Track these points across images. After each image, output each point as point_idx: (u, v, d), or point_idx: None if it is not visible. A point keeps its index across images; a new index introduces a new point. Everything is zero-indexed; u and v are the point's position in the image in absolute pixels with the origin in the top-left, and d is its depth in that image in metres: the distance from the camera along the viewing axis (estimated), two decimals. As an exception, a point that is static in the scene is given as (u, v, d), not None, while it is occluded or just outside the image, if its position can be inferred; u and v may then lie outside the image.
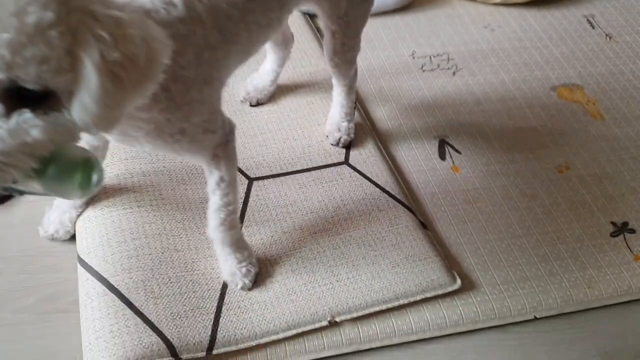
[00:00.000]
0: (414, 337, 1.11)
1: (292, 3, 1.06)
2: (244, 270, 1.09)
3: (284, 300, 1.09)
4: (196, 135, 0.91)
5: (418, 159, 1.41)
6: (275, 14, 1.01)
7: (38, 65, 0.57)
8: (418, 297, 1.13)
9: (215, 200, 1.02)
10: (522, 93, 1.63)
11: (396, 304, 1.12)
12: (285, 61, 1.43)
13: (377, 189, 1.29)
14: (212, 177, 1.00)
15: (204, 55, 0.86)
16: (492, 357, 1.13)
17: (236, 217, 1.07)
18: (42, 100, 0.61)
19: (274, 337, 1.05)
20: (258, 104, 1.45)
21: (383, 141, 1.44)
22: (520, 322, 1.17)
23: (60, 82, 0.60)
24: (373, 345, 1.09)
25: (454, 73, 1.66)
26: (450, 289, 1.15)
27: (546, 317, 1.18)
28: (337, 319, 1.08)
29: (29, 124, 0.60)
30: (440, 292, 1.14)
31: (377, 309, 1.11)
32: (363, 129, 1.43)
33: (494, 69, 1.69)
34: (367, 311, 1.10)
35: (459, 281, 1.16)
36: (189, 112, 0.87)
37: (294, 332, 1.06)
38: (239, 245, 1.09)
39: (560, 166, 1.45)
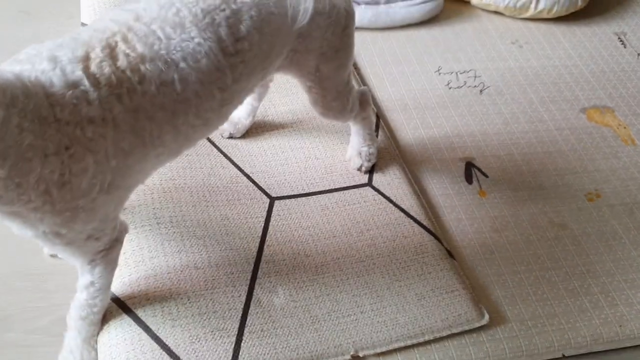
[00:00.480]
0: (439, 375, 1.08)
1: (238, 97, 0.94)
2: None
3: (307, 329, 1.05)
4: (76, 240, 0.81)
5: (444, 182, 1.37)
6: (214, 113, 0.89)
7: None
8: (444, 333, 1.09)
9: (81, 297, 0.94)
10: (550, 114, 1.58)
11: (421, 339, 1.08)
12: (264, 96, 1.34)
13: (402, 214, 1.25)
14: (83, 278, 0.91)
15: (109, 162, 0.76)
16: (518, 397, 1.09)
17: (100, 317, 0.99)
18: None
19: (295, 370, 1.02)
20: (231, 137, 1.35)
21: (407, 162, 1.39)
22: (548, 361, 1.13)
23: None
24: (395, 381, 1.06)
25: (480, 91, 1.61)
26: (477, 324, 1.11)
27: (575, 356, 1.14)
28: (361, 354, 1.05)
29: None
30: (467, 327, 1.10)
31: (402, 344, 1.07)
32: (387, 149, 1.39)
33: (521, 87, 1.64)
34: (391, 347, 1.06)
35: (487, 316, 1.12)
36: (71, 219, 0.76)
37: (315, 365, 1.03)
38: (92, 340, 1.00)
39: (590, 194, 1.40)
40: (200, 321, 1.03)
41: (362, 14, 1.70)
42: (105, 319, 1.02)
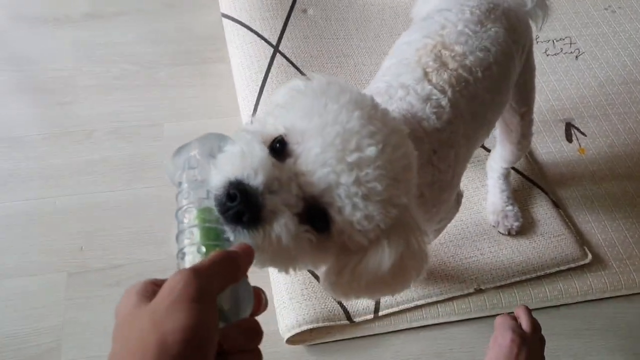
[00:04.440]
0: (549, 304, 1.29)
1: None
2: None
3: (436, 270, 1.28)
4: (429, 228, 0.94)
5: (547, 141, 1.55)
6: (508, 92, 1.00)
7: (382, 207, 0.57)
8: (553, 270, 1.30)
9: None
10: (644, 75, 1.71)
11: (534, 275, 1.29)
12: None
13: (513, 171, 1.45)
14: None
15: (461, 152, 0.87)
16: (619, 323, 1.29)
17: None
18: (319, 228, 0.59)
19: (429, 300, 1.25)
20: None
21: (512, 125, 1.58)
22: (645, 293, 1.32)
23: (364, 238, 0.60)
24: (512, 310, 1.27)
25: (576, 57, 1.76)
26: (581, 262, 1.31)
27: (668, 289, 1.32)
28: (482, 287, 1.27)
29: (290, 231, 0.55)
30: (572, 265, 1.30)
31: (517, 279, 1.28)
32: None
33: (615, 52, 1.78)
34: (508, 281, 1.28)
35: (590, 256, 1.32)
36: (436, 213, 0.89)
37: (445, 296, 1.26)
38: None
39: (682, 148, 1.55)
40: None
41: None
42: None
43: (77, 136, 1.53)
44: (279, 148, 0.59)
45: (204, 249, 0.52)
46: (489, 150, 1.40)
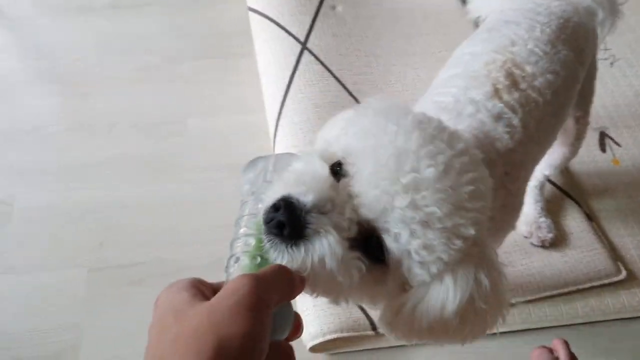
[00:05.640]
0: (579, 321, 1.24)
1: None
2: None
3: (464, 281, 1.24)
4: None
5: (580, 151, 1.48)
6: (566, 115, 0.98)
7: (444, 236, 0.53)
8: (586, 285, 1.25)
9: None
10: (681, 85, 1.66)
11: (565, 290, 1.25)
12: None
13: (546, 181, 1.40)
14: None
15: (529, 171, 0.85)
16: (651, 343, 1.24)
17: None
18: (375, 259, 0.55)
19: (456, 313, 1.21)
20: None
21: (544, 132, 1.53)
22: (679, 312, 1.27)
23: (425, 271, 0.55)
24: (542, 325, 1.23)
25: (611, 64, 1.71)
26: (615, 279, 1.27)
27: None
28: (513, 301, 1.23)
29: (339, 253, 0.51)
30: (606, 281, 1.26)
31: (548, 294, 1.24)
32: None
33: (652, 59, 1.73)
34: (539, 295, 1.24)
35: (624, 272, 1.27)
36: (502, 237, 0.87)
37: (473, 309, 1.21)
38: None
39: None
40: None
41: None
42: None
43: (98, 130, 1.50)
44: (338, 170, 0.56)
45: (259, 259, 0.51)
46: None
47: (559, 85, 0.87)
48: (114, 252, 1.28)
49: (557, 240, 1.30)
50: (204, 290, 0.45)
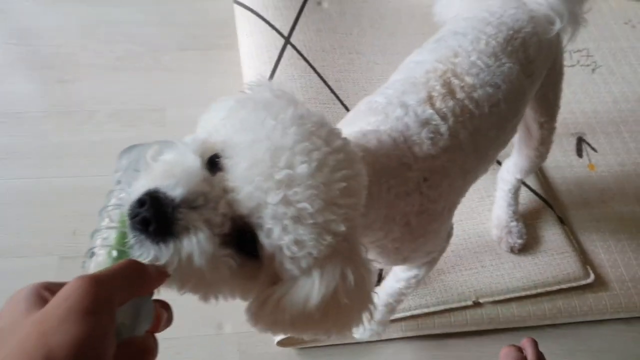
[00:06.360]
0: (547, 322, 1.26)
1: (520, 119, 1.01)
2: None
3: (434, 279, 1.25)
4: (416, 259, 0.90)
5: (556, 155, 1.51)
6: (513, 129, 0.97)
7: (314, 232, 0.52)
8: (554, 288, 1.27)
9: (395, 286, 1.03)
10: (660, 94, 1.68)
11: (534, 292, 1.26)
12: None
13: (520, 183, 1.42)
14: (410, 272, 0.98)
15: (456, 183, 0.84)
16: (615, 345, 1.26)
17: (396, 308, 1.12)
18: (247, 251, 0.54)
19: (425, 310, 1.22)
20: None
21: (522, 135, 1.55)
22: (644, 317, 1.29)
23: (295, 266, 0.54)
24: (509, 326, 1.25)
25: (593, 70, 1.72)
26: (583, 282, 1.28)
27: (669, 315, 1.30)
28: (481, 300, 1.24)
29: (204, 250, 0.50)
30: (574, 284, 1.28)
31: (517, 295, 1.25)
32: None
33: (632, 67, 1.74)
34: (507, 296, 1.25)
35: (592, 276, 1.29)
36: (423, 243, 0.85)
37: (442, 307, 1.23)
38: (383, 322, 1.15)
39: (693, 171, 1.52)
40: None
41: None
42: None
43: (78, 116, 1.50)
44: (215, 162, 0.54)
45: (115, 253, 0.49)
46: (500, 164, 1.35)
47: (499, 98, 0.86)
48: (87, 241, 1.28)
49: (528, 243, 1.32)
50: (47, 296, 0.42)
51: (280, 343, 1.15)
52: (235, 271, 0.53)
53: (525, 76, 0.92)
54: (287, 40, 1.57)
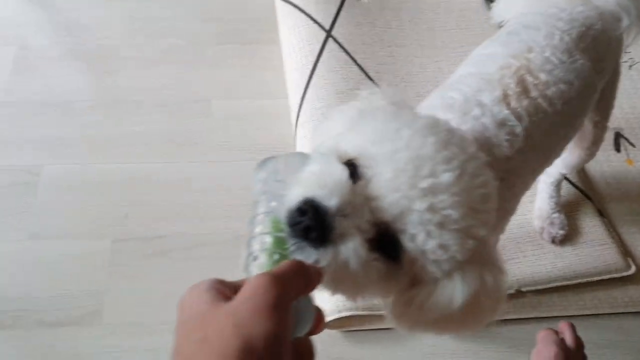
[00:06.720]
0: (587, 312, 1.28)
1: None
2: None
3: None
4: None
5: (595, 150, 1.53)
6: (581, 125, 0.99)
7: (458, 236, 0.55)
8: (595, 278, 1.28)
9: None
10: (697, 90, 1.68)
11: (575, 282, 1.28)
12: None
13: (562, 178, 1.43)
14: None
15: (528, 181, 0.86)
16: (656, 337, 1.27)
17: None
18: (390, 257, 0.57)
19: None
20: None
21: (560, 129, 1.56)
22: (686, 309, 1.30)
23: (437, 269, 0.57)
24: (550, 314, 1.26)
25: (630, 66, 1.73)
26: (624, 273, 1.30)
27: None
28: (523, 289, 1.26)
29: (356, 255, 0.53)
30: (615, 275, 1.29)
31: (558, 284, 1.27)
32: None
33: (670, 63, 1.75)
34: (549, 285, 1.27)
35: (633, 267, 1.30)
36: (496, 242, 0.89)
37: (484, 296, 1.25)
38: None
39: None
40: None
41: None
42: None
43: (124, 106, 1.54)
44: (351, 170, 0.56)
45: (277, 256, 0.52)
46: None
47: (571, 95, 0.86)
48: (138, 225, 1.32)
49: (569, 235, 1.33)
50: (224, 291, 0.44)
51: (327, 325, 1.18)
52: (383, 274, 0.56)
53: (596, 72, 0.92)
54: (329, 34, 1.60)
